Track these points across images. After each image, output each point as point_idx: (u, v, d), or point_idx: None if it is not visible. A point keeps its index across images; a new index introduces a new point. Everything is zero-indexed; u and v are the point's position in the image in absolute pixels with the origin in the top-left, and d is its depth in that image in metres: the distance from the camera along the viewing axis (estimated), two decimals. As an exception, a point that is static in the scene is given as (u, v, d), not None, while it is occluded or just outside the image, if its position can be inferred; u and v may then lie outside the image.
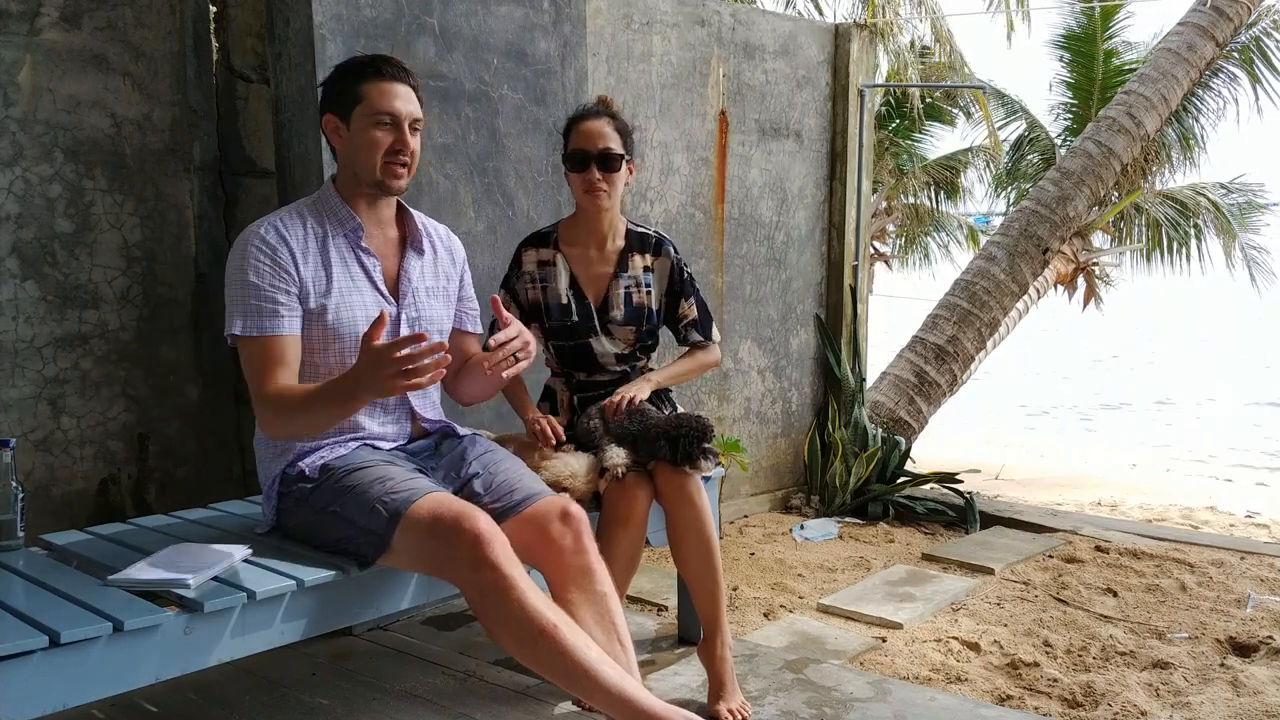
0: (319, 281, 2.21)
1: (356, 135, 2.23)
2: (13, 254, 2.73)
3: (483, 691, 2.61)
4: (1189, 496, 7.48)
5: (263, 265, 2.16)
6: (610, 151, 2.69)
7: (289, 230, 2.21)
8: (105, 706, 2.34)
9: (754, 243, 4.71)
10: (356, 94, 2.22)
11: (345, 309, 2.23)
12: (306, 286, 2.19)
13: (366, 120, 2.22)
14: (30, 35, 2.73)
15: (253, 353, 2.15)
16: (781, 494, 5.04)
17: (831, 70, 5.01)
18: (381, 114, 2.22)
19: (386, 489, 2.10)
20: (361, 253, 2.28)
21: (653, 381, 2.79)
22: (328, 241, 2.25)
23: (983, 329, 6.17)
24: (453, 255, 2.50)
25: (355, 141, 2.24)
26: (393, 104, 2.23)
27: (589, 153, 2.68)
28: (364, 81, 2.22)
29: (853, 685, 2.69)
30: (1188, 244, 10.58)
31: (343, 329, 2.22)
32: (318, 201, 2.30)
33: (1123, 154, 6.67)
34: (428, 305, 2.39)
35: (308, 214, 2.27)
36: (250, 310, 2.14)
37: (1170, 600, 3.70)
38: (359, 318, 2.23)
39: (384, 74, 2.23)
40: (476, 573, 1.98)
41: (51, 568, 2.08)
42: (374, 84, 2.22)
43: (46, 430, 2.81)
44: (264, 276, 2.15)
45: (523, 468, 2.38)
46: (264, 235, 2.18)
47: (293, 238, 2.21)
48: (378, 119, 2.22)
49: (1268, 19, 8.51)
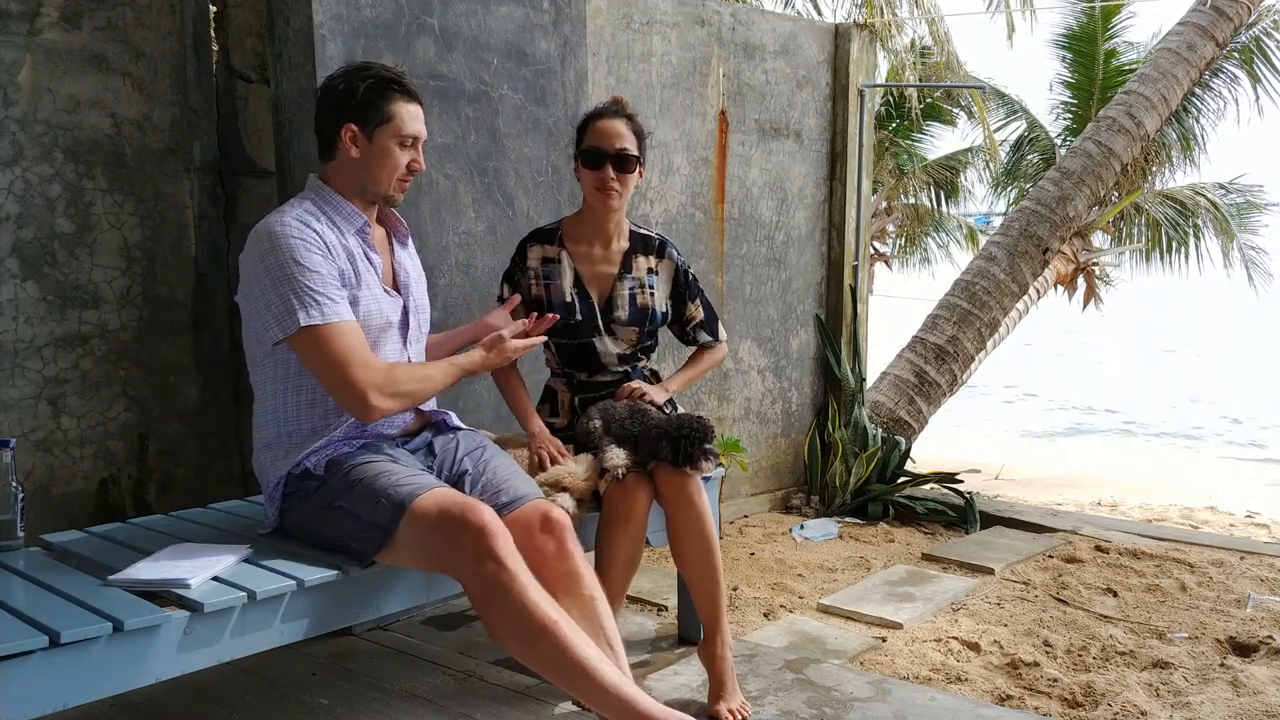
0: (350, 276, 2.22)
1: (377, 151, 2.25)
2: (13, 254, 2.73)
3: (483, 691, 2.61)
4: (1189, 496, 7.48)
5: (314, 253, 2.14)
6: (626, 152, 2.69)
7: (312, 224, 2.20)
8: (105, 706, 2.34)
9: (754, 243, 4.71)
10: (385, 112, 2.23)
11: (372, 301, 2.26)
12: (344, 279, 2.21)
13: (392, 139, 2.25)
14: (30, 35, 2.73)
15: (333, 341, 2.11)
16: (781, 494, 5.04)
17: (831, 70, 5.01)
18: (407, 136, 2.26)
19: (392, 482, 2.12)
20: (369, 250, 2.31)
21: (669, 390, 2.80)
22: (343, 239, 2.25)
23: (983, 329, 6.17)
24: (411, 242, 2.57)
25: (374, 156, 2.25)
26: (418, 127, 2.28)
27: (606, 151, 2.68)
28: (393, 101, 2.24)
29: (853, 685, 2.69)
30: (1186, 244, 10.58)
31: (370, 320, 2.25)
32: (319, 200, 2.28)
33: (1123, 154, 6.67)
34: (418, 294, 2.46)
35: (317, 212, 2.25)
36: (319, 297, 2.11)
37: (1170, 600, 3.70)
38: (373, 311, 2.26)
39: (410, 94, 2.27)
40: (479, 566, 1.99)
41: (51, 568, 2.09)
42: (403, 105, 2.25)
43: (46, 430, 2.81)
44: (319, 264, 2.13)
45: (513, 466, 2.40)
46: (299, 224, 2.16)
47: (322, 230, 2.21)
48: (403, 140, 2.26)
49: (1268, 19, 8.51)
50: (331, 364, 2.12)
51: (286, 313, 2.09)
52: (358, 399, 2.13)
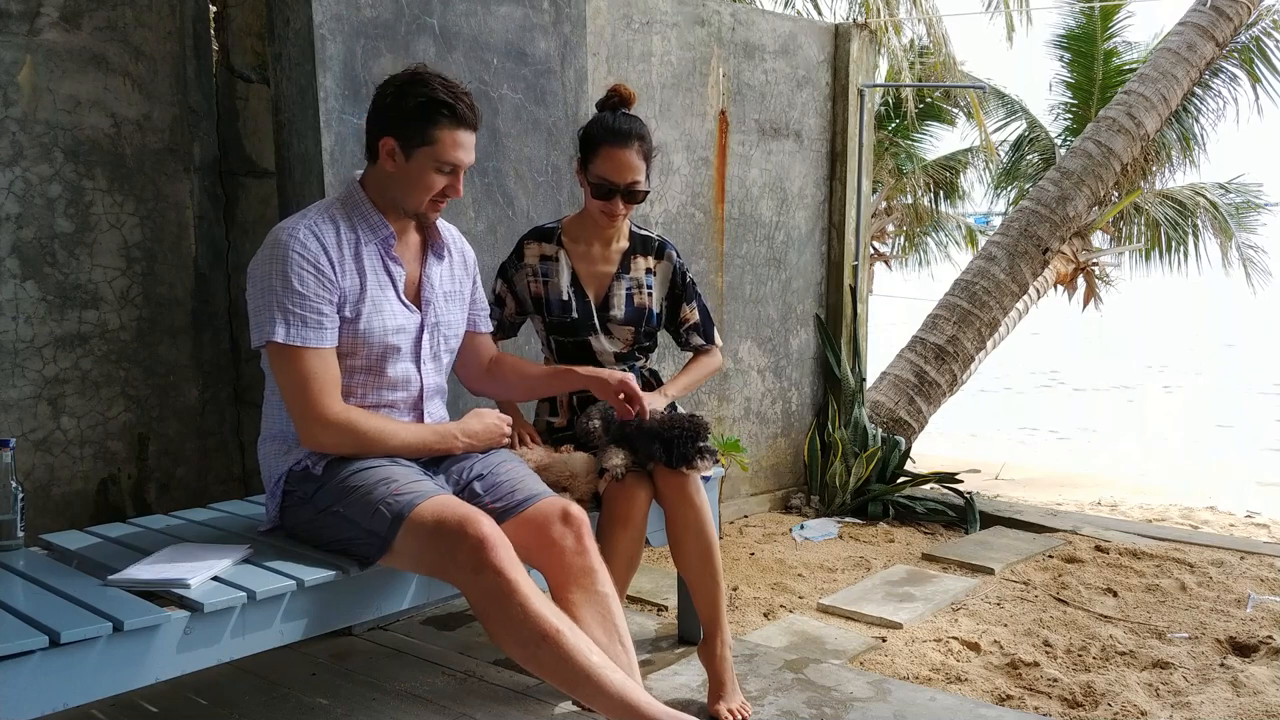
0: (354, 290, 2.20)
1: (414, 171, 2.20)
2: (13, 254, 2.73)
3: (483, 691, 2.61)
4: (1189, 496, 7.48)
5: (306, 273, 2.12)
6: (637, 187, 2.67)
7: (324, 236, 2.17)
8: (105, 706, 2.34)
9: (754, 243, 4.71)
10: (429, 135, 2.17)
11: (376, 316, 2.23)
12: (345, 295, 2.18)
13: (429, 164, 2.19)
14: (30, 35, 2.73)
15: (296, 364, 2.12)
16: (781, 494, 5.04)
17: (831, 70, 5.01)
18: (446, 163, 2.20)
19: (391, 490, 2.10)
20: (390, 261, 2.27)
21: (667, 396, 2.80)
22: (360, 248, 2.22)
23: (983, 329, 6.17)
24: (465, 258, 2.51)
25: (410, 176, 2.21)
26: (460, 155, 2.21)
27: (616, 186, 2.66)
28: (440, 126, 2.16)
29: (853, 685, 2.69)
30: (1186, 244, 10.59)
31: (372, 337, 2.22)
32: (348, 204, 2.26)
33: (1123, 154, 6.67)
34: (446, 310, 2.40)
35: (339, 217, 2.23)
36: (294, 318, 2.11)
37: (1170, 600, 3.70)
38: (388, 326, 2.24)
39: (461, 120, 2.18)
40: (479, 577, 1.98)
41: (51, 568, 2.09)
42: (450, 131, 2.17)
43: (46, 430, 2.81)
44: (309, 286, 2.12)
45: (524, 468, 2.38)
46: (304, 241, 2.14)
47: (330, 245, 2.17)
48: (440, 166, 2.20)
49: (1268, 19, 8.51)
50: (289, 384, 2.15)
51: (266, 322, 2.13)
52: (300, 423, 2.16)
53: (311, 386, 2.13)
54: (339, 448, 2.18)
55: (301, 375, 2.12)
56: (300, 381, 2.13)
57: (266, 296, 2.13)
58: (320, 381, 2.14)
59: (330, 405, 2.15)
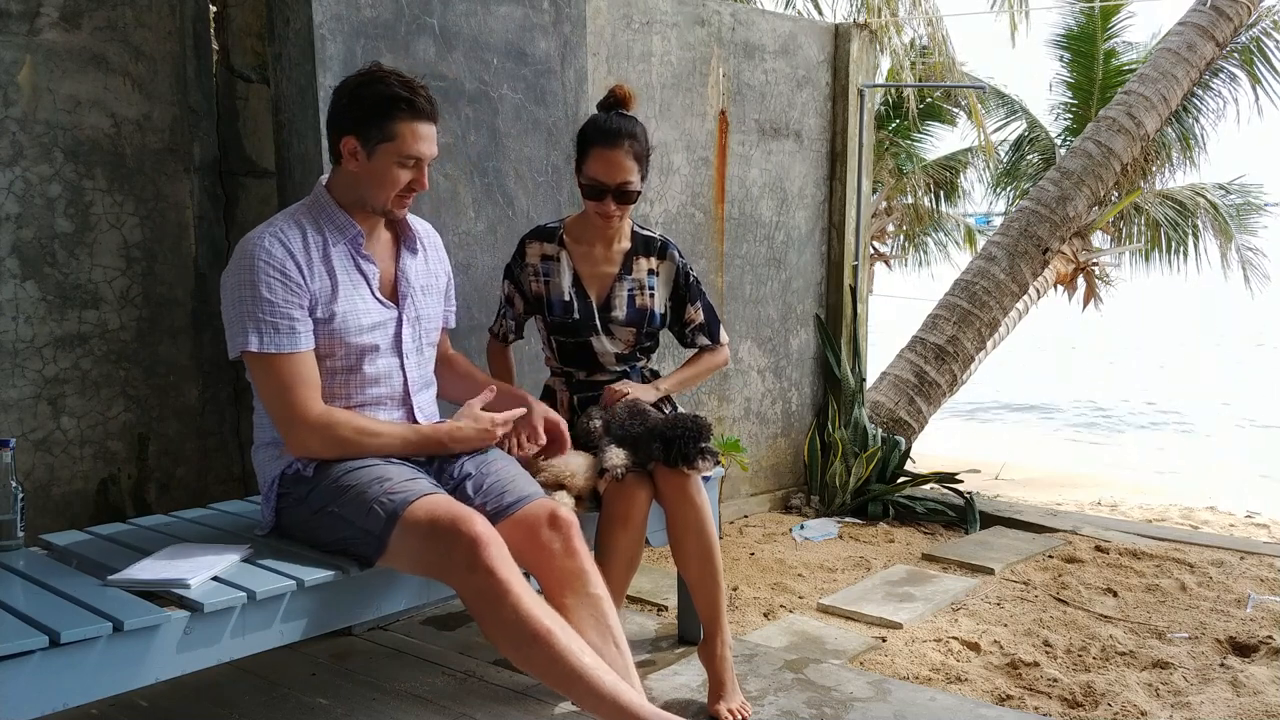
0: (325, 291, 2.20)
1: (376, 168, 2.20)
2: (13, 254, 2.73)
3: (483, 691, 2.61)
4: (1189, 496, 7.48)
5: (274, 281, 2.12)
6: (628, 186, 2.67)
7: (291, 242, 2.17)
8: (105, 706, 2.34)
9: (754, 243, 4.71)
10: (388, 131, 2.16)
11: (352, 316, 2.22)
12: (315, 297, 2.18)
13: (391, 159, 2.19)
14: (30, 35, 2.73)
15: (273, 370, 2.14)
16: (781, 494, 5.04)
17: (831, 70, 5.01)
18: (409, 158, 2.20)
19: (384, 489, 2.10)
20: (362, 259, 2.27)
21: (661, 389, 2.79)
22: (329, 250, 2.22)
23: (983, 329, 6.17)
24: (438, 251, 2.52)
25: (373, 173, 2.20)
26: (422, 148, 2.20)
27: (607, 186, 2.66)
28: (398, 120, 2.16)
29: (853, 685, 2.69)
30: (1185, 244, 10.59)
31: (349, 335, 2.22)
32: (314, 208, 2.26)
33: (1123, 154, 6.67)
34: (424, 304, 2.40)
35: (305, 222, 2.23)
36: (265, 326, 2.12)
37: (1170, 600, 3.70)
38: (364, 324, 2.24)
39: (419, 112, 2.18)
40: (472, 576, 1.98)
41: (51, 568, 2.09)
42: (408, 124, 2.17)
43: (46, 430, 2.81)
44: (276, 293, 2.12)
45: (515, 468, 2.38)
46: (269, 249, 2.14)
47: (296, 250, 2.17)
48: (403, 160, 2.20)
49: (1268, 19, 8.51)
50: (268, 391, 2.16)
51: (239, 333, 2.14)
52: (283, 427, 2.17)
53: (290, 391, 2.14)
54: (323, 449, 2.18)
55: (279, 381, 2.14)
56: (278, 387, 2.14)
57: (238, 307, 2.14)
58: (298, 385, 2.15)
59: (311, 407, 2.16)
